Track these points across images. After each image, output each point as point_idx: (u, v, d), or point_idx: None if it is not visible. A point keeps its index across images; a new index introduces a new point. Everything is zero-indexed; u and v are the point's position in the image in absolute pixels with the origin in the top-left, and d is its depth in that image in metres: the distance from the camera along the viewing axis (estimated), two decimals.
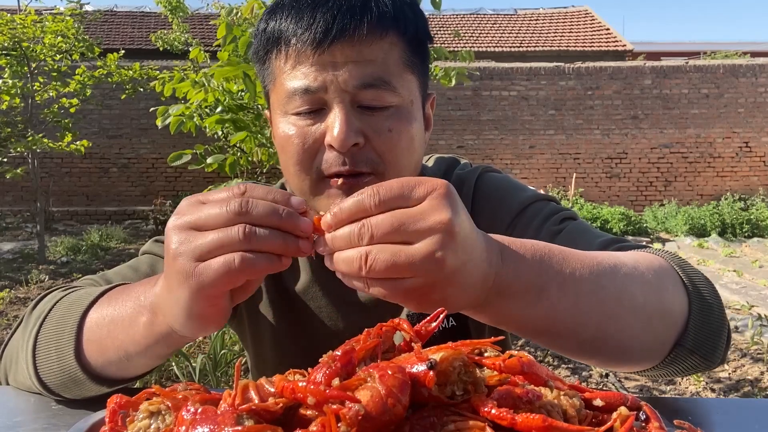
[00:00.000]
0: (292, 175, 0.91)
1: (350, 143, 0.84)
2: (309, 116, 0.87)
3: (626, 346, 0.74)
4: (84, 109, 9.39)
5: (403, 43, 0.89)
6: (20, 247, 8.41)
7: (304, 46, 0.84)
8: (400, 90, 0.88)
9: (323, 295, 1.04)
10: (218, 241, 0.58)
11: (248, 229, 0.58)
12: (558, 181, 11.56)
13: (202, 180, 10.88)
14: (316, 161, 0.87)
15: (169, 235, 0.62)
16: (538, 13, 20.33)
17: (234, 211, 0.58)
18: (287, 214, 0.59)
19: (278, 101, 0.90)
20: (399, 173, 0.88)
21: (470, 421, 0.48)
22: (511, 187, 1.05)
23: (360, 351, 0.54)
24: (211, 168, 3.39)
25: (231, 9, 3.43)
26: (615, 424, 0.52)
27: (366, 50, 0.85)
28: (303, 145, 0.87)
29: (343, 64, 0.84)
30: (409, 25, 0.89)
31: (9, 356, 0.87)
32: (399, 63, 0.88)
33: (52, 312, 0.81)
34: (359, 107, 0.86)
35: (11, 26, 7.03)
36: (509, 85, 11.62)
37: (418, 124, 0.92)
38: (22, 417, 0.78)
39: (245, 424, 0.47)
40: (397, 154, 0.88)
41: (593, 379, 3.83)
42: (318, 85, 0.84)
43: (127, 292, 0.77)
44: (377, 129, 0.86)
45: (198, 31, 14.09)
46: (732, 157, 11.66)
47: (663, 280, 0.76)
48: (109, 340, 0.75)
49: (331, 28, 0.83)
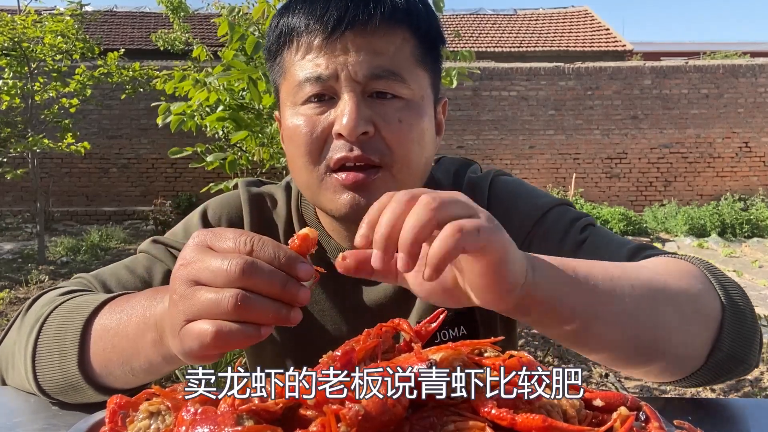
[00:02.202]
0: (299, 169, 0.90)
1: (359, 131, 0.83)
2: (318, 105, 0.86)
3: (667, 359, 0.75)
4: (84, 110, 9.39)
5: (416, 40, 0.89)
6: (20, 248, 8.41)
7: (316, 35, 0.85)
8: (411, 84, 0.87)
9: (326, 298, 1.01)
10: (209, 305, 0.57)
11: (241, 299, 0.55)
12: (558, 181, 11.56)
13: (202, 180, 10.87)
14: (324, 152, 0.86)
15: (172, 282, 0.61)
16: (538, 14, 20.32)
17: (234, 274, 0.56)
18: (290, 284, 0.57)
19: (288, 93, 0.90)
20: (408, 169, 0.88)
21: (470, 421, 0.48)
22: (526, 193, 1.03)
23: (360, 351, 0.54)
24: (211, 167, 3.39)
25: (233, 8, 3.43)
26: (615, 424, 0.52)
27: (377, 42, 0.85)
28: (311, 134, 0.86)
29: (354, 54, 0.84)
30: (422, 22, 0.89)
31: (5, 357, 0.86)
32: (410, 58, 0.88)
33: (51, 318, 0.80)
34: (370, 96, 0.86)
35: (11, 26, 7.03)
36: (509, 85, 11.61)
37: (429, 120, 0.91)
38: (21, 417, 0.78)
39: (245, 425, 0.47)
40: (407, 147, 0.87)
41: (593, 379, 3.83)
42: (329, 72, 0.84)
43: (131, 303, 0.75)
44: (387, 118, 0.85)
45: (198, 31, 14.07)
46: (732, 157, 11.66)
47: (697, 288, 0.76)
48: (114, 354, 0.74)
49: (344, 17, 0.83)
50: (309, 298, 0.58)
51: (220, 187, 3.39)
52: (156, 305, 0.69)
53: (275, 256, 0.57)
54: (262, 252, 0.58)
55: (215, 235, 0.60)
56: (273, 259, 0.57)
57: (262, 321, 0.57)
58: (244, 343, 0.57)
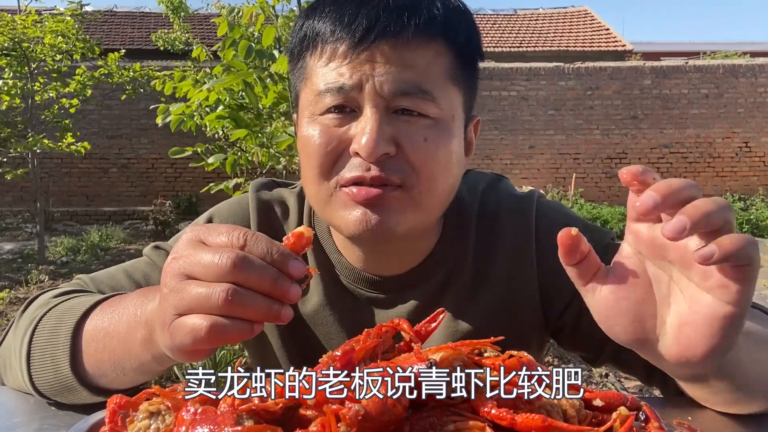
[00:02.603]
0: (309, 181, 0.84)
1: (379, 153, 0.76)
2: (337, 116, 0.80)
3: None
4: (84, 110, 9.38)
5: (451, 54, 0.82)
6: (20, 248, 8.41)
7: (342, 43, 0.79)
8: (441, 102, 0.80)
9: (335, 320, 0.95)
10: (199, 299, 0.56)
11: (231, 293, 0.55)
12: (558, 181, 11.56)
13: (202, 180, 10.87)
14: (337, 168, 0.80)
15: (163, 276, 0.60)
16: (538, 14, 20.32)
17: (225, 268, 0.55)
18: (281, 280, 0.56)
19: (307, 101, 0.84)
20: (430, 192, 0.81)
21: (470, 421, 0.48)
22: (575, 223, 0.93)
23: (360, 351, 0.54)
24: (211, 167, 3.39)
25: (232, 8, 3.43)
26: (615, 424, 0.52)
27: (408, 54, 0.78)
28: (326, 146, 0.80)
29: (381, 66, 0.78)
30: (460, 35, 0.82)
31: (3, 358, 0.86)
32: (443, 74, 0.81)
33: (44, 319, 0.80)
34: (394, 112, 0.79)
35: (11, 26, 7.03)
36: (509, 85, 11.62)
37: (458, 142, 0.84)
38: (21, 417, 0.78)
39: (245, 425, 0.47)
40: (433, 169, 0.80)
41: (593, 379, 3.83)
42: (352, 83, 0.78)
43: (123, 303, 0.75)
44: (412, 137, 0.79)
45: (198, 31, 14.07)
46: (732, 157, 11.66)
47: None
48: (105, 354, 0.74)
49: (374, 26, 0.77)
50: (300, 296, 0.58)
51: (220, 187, 3.39)
52: (147, 303, 0.69)
53: (268, 252, 0.57)
54: (255, 247, 0.57)
55: (209, 230, 0.60)
56: (265, 255, 0.57)
57: (253, 317, 0.57)
58: (237, 339, 0.57)
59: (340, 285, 0.96)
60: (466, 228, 0.96)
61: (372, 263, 0.93)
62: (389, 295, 0.95)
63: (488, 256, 0.96)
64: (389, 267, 0.94)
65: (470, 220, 0.96)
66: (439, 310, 0.67)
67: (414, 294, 0.94)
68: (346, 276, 0.95)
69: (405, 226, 0.82)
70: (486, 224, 0.97)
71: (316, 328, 0.96)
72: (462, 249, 0.95)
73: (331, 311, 0.95)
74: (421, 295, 0.94)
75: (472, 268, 0.95)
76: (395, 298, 0.95)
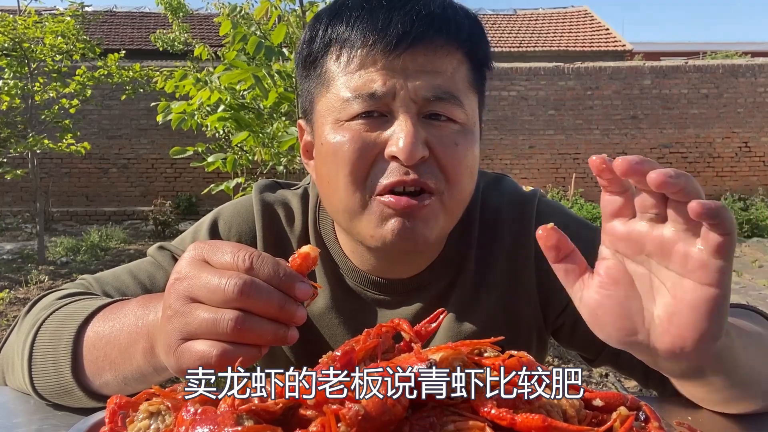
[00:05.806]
0: (338, 190, 0.81)
1: (418, 156, 0.76)
2: (365, 121, 0.79)
3: None
4: (84, 110, 9.37)
5: (470, 63, 0.85)
6: (20, 248, 8.41)
7: (373, 49, 0.78)
8: (467, 107, 0.82)
9: (340, 323, 0.95)
10: (206, 325, 0.56)
11: (239, 321, 0.55)
12: (558, 181, 11.56)
13: (202, 180, 10.87)
14: (371, 175, 0.79)
15: (167, 296, 0.60)
16: (538, 14, 20.32)
17: (232, 294, 0.55)
18: (288, 305, 0.56)
19: (330, 107, 0.82)
20: (458, 195, 0.83)
21: (470, 421, 0.48)
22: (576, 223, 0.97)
23: (360, 351, 0.54)
24: (212, 167, 3.39)
25: (234, 6, 3.42)
26: (615, 424, 0.52)
27: (438, 61, 0.80)
28: (359, 151, 0.79)
29: (414, 72, 0.78)
30: (479, 46, 0.86)
31: (6, 359, 0.86)
32: (465, 81, 0.83)
33: (46, 323, 0.80)
34: (424, 117, 0.80)
35: (12, 27, 7.03)
36: (509, 85, 11.61)
37: (478, 148, 0.86)
38: (21, 418, 0.78)
39: (245, 425, 0.47)
40: (461, 173, 0.81)
41: (593, 379, 3.83)
42: (386, 90, 0.78)
43: (124, 312, 0.74)
44: (444, 141, 0.80)
45: (198, 31, 14.07)
46: (731, 157, 11.66)
47: None
48: (106, 362, 0.73)
49: (410, 33, 0.77)
50: (306, 318, 0.58)
51: (221, 187, 3.39)
52: (148, 314, 0.69)
53: (274, 274, 0.56)
54: (261, 270, 0.56)
55: (212, 249, 0.59)
56: (272, 278, 0.56)
57: (260, 342, 0.57)
58: (245, 364, 0.57)
59: (346, 287, 0.96)
60: (469, 231, 0.96)
61: (381, 268, 0.93)
62: (394, 297, 0.95)
63: (490, 258, 0.96)
64: (397, 271, 0.94)
65: (473, 223, 0.97)
66: (439, 310, 0.67)
67: (419, 297, 0.95)
68: (352, 278, 0.95)
69: (436, 232, 0.83)
70: (488, 227, 0.97)
71: (323, 329, 0.96)
72: (466, 252, 0.96)
73: (337, 313, 0.95)
74: (426, 298, 0.95)
75: (475, 270, 0.96)
76: (400, 300, 0.95)
